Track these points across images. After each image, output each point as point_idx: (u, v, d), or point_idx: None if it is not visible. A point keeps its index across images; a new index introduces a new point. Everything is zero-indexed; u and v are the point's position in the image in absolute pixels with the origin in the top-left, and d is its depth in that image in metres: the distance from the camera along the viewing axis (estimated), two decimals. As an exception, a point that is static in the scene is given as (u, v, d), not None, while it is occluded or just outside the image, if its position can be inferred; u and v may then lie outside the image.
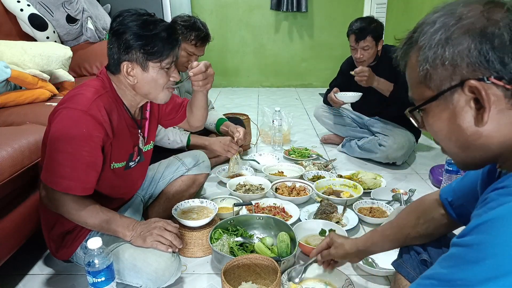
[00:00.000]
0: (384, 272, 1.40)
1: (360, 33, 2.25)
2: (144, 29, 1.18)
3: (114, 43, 1.20)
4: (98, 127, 1.18)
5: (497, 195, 0.52)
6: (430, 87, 0.62)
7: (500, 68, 0.56)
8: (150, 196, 1.71)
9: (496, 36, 0.56)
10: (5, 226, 1.27)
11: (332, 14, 5.06)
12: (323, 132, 3.11)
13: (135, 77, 1.23)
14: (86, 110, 1.16)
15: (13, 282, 1.42)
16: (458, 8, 0.60)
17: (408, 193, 1.99)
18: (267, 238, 1.54)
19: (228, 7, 5.02)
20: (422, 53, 0.62)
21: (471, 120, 0.59)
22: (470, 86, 0.57)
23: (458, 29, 0.58)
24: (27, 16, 2.31)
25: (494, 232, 0.49)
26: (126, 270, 1.25)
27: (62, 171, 1.16)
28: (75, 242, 1.33)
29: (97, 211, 1.24)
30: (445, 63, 0.59)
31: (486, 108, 0.57)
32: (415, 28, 0.65)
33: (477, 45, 0.56)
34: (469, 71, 0.58)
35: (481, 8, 0.58)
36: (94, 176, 1.22)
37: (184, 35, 1.95)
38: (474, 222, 0.53)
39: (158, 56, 1.20)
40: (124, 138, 1.32)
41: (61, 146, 1.15)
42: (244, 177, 2.18)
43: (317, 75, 5.33)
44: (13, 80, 1.91)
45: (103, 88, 1.25)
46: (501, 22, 0.56)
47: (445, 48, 0.59)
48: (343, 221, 1.75)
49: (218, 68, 5.26)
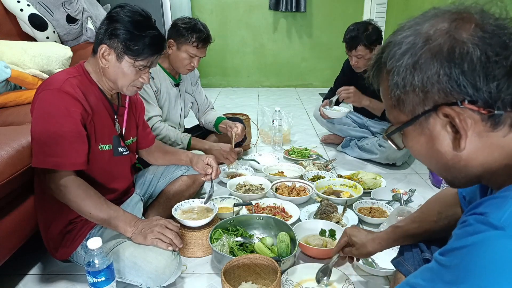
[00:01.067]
0: (384, 272, 1.40)
1: (351, 42, 2.25)
2: (135, 27, 1.25)
3: (104, 25, 1.27)
4: (75, 102, 1.22)
5: (475, 220, 0.52)
6: (404, 111, 0.61)
7: (473, 92, 0.53)
8: (150, 196, 1.71)
9: (464, 59, 0.53)
10: (5, 226, 1.27)
11: (331, 14, 5.05)
12: (323, 132, 3.11)
13: (108, 62, 1.28)
14: (59, 87, 1.20)
15: (13, 282, 1.42)
16: (424, 26, 0.57)
17: (408, 193, 1.99)
18: (267, 238, 1.54)
19: (228, 7, 5.02)
20: (392, 77, 0.59)
21: (449, 144, 0.58)
22: (444, 112, 0.56)
23: (425, 53, 0.56)
24: (27, 16, 2.30)
25: (468, 259, 0.50)
26: (127, 269, 1.26)
27: (48, 150, 1.19)
28: (74, 241, 1.33)
29: (102, 203, 1.25)
30: (416, 89, 0.57)
31: (462, 134, 0.55)
32: (383, 48, 0.62)
33: (446, 70, 0.54)
34: (441, 96, 0.55)
35: (447, 26, 0.56)
36: (81, 150, 1.25)
37: (186, 38, 1.95)
38: (453, 243, 0.54)
39: (135, 54, 1.26)
40: (104, 117, 1.35)
41: (43, 127, 1.19)
42: (244, 177, 2.18)
43: (317, 75, 5.33)
44: (13, 80, 1.91)
45: (76, 72, 1.30)
46: (469, 42, 0.53)
47: (413, 74, 0.56)
48: (343, 221, 1.75)
49: (218, 68, 5.27)
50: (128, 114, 1.49)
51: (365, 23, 2.29)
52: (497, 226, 0.49)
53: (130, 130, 1.51)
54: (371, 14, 4.80)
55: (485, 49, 0.53)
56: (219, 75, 5.33)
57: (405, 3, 3.72)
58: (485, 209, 0.53)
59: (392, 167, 2.45)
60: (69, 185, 1.21)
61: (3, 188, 1.23)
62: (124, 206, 1.51)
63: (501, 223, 0.49)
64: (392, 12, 4.08)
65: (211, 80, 5.28)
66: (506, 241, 0.48)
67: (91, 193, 1.25)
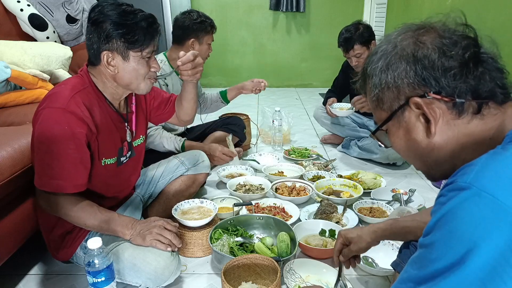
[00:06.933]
0: (384, 272, 1.40)
1: (346, 44, 2.32)
2: (124, 17, 1.17)
3: (93, 32, 1.18)
4: (80, 123, 1.17)
5: (447, 191, 0.55)
6: (384, 109, 0.71)
7: (435, 84, 0.63)
8: (150, 196, 1.71)
9: (426, 57, 0.64)
10: (5, 226, 1.27)
11: (331, 14, 5.05)
12: (323, 132, 3.11)
13: (115, 67, 1.21)
14: (65, 107, 1.15)
15: (13, 282, 1.42)
16: (394, 37, 0.69)
17: (408, 193, 1.99)
18: (267, 238, 1.54)
19: (228, 7, 5.02)
20: (371, 81, 0.70)
21: (423, 133, 0.67)
22: (414, 103, 0.65)
23: (394, 56, 0.67)
24: (27, 16, 2.30)
25: (447, 228, 0.53)
26: (126, 270, 1.25)
27: (50, 172, 1.17)
28: (75, 242, 1.33)
29: (95, 211, 1.24)
30: (390, 86, 0.68)
31: (431, 120, 0.64)
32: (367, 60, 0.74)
33: (412, 67, 0.64)
34: (411, 90, 0.66)
35: (411, 33, 0.67)
36: (83, 173, 1.22)
37: (205, 30, 2.10)
38: (431, 221, 0.56)
39: (139, 45, 1.19)
40: (110, 132, 1.31)
41: (46, 148, 1.16)
42: (244, 177, 2.18)
43: (317, 75, 5.33)
44: (13, 80, 1.91)
45: (81, 84, 1.23)
46: (430, 44, 0.64)
47: (386, 73, 0.67)
48: (343, 221, 1.75)
49: (218, 68, 5.27)
50: (136, 115, 1.45)
51: (355, 24, 2.36)
52: (464, 187, 0.52)
53: (139, 130, 1.47)
54: (371, 14, 4.80)
55: (441, 47, 0.63)
56: (219, 75, 5.33)
57: (405, 3, 3.72)
58: (453, 178, 0.56)
59: (392, 167, 2.45)
60: (60, 202, 1.20)
61: (3, 188, 1.23)
62: (123, 206, 1.52)
63: (467, 184, 0.52)
64: (392, 12, 4.08)
65: (211, 80, 5.28)
66: (474, 197, 0.51)
67: (84, 204, 1.23)
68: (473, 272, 0.49)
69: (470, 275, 0.49)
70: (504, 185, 0.50)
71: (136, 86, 1.27)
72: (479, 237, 0.49)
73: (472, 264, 0.49)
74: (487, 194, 0.50)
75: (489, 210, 0.49)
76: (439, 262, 0.52)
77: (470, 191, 0.51)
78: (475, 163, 0.55)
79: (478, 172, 0.53)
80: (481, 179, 0.52)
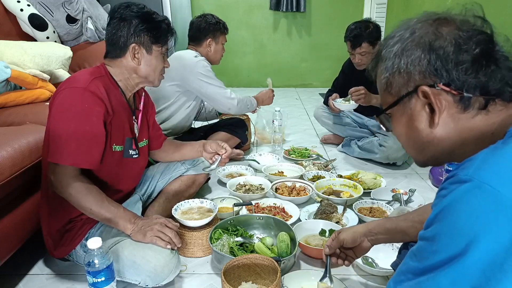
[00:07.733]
0: (384, 272, 1.40)
1: (355, 40, 2.31)
2: (149, 19, 1.34)
3: (123, 27, 1.31)
4: (99, 102, 1.24)
5: (448, 184, 0.56)
6: (391, 93, 0.71)
7: (446, 76, 0.63)
8: (149, 196, 1.71)
9: (441, 48, 0.64)
10: (5, 226, 1.27)
11: (331, 15, 5.06)
12: (323, 132, 3.11)
13: (139, 59, 1.35)
14: (86, 87, 1.22)
15: (13, 282, 1.42)
16: (413, 23, 0.69)
17: (408, 193, 1.99)
18: (267, 238, 1.54)
19: (228, 7, 5.02)
20: (384, 63, 0.71)
21: (426, 122, 0.67)
22: (422, 91, 0.65)
23: (411, 42, 0.67)
24: (27, 16, 2.30)
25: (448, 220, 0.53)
26: (126, 267, 1.26)
27: (68, 147, 1.20)
28: (74, 240, 1.34)
29: (103, 199, 1.26)
30: (401, 71, 0.68)
31: (436, 111, 0.64)
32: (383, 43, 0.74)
33: (426, 55, 0.65)
34: (421, 78, 0.66)
35: (431, 23, 0.67)
36: (98, 150, 1.27)
37: (220, 30, 2.31)
38: (432, 214, 0.57)
39: (161, 41, 1.37)
40: (121, 118, 1.38)
41: (65, 124, 1.20)
42: (244, 177, 2.18)
43: (317, 75, 5.33)
44: (13, 80, 1.91)
45: (98, 73, 1.32)
46: (447, 36, 0.64)
47: (400, 58, 0.68)
48: (343, 221, 1.75)
49: (218, 67, 5.24)
50: (142, 116, 1.52)
51: (365, 21, 2.36)
52: (465, 180, 0.53)
53: (143, 132, 1.53)
54: (371, 14, 4.80)
55: (458, 40, 0.63)
56: (219, 74, 5.25)
57: (405, 3, 3.72)
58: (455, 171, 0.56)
59: (392, 167, 2.45)
60: (72, 180, 1.22)
61: (3, 188, 1.23)
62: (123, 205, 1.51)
63: (468, 177, 0.53)
64: (392, 12, 4.08)
65: (211, 80, 5.28)
66: (475, 190, 0.51)
67: (93, 190, 1.25)
68: (474, 263, 0.49)
69: (471, 266, 0.50)
70: (505, 177, 0.51)
71: (152, 78, 1.41)
72: (480, 229, 0.49)
73: (474, 256, 0.49)
74: (488, 186, 0.50)
75: (490, 202, 0.50)
76: (440, 254, 0.53)
77: (471, 184, 0.52)
78: (476, 157, 0.55)
79: (479, 165, 0.53)
80: (482, 172, 0.52)
